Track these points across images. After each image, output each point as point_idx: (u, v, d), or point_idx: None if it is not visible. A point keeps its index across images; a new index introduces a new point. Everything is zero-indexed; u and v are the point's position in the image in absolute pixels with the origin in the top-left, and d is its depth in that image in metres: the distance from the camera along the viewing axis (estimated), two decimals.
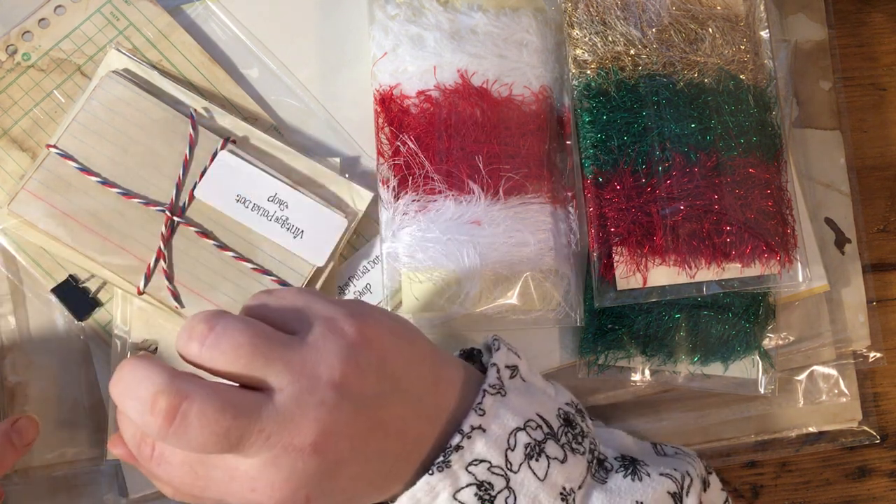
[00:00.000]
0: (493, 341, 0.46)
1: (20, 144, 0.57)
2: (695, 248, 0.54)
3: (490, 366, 0.44)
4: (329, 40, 0.60)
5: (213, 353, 0.37)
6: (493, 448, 0.41)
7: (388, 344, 0.41)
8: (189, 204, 0.55)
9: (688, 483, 0.47)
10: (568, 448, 0.44)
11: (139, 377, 0.37)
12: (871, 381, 0.63)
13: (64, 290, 0.56)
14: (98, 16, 0.58)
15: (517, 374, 0.45)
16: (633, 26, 0.56)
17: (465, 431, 0.41)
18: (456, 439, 0.41)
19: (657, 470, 0.47)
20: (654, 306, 0.56)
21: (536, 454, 0.42)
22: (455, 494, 0.41)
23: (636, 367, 0.58)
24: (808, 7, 0.65)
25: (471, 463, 0.41)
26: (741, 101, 0.56)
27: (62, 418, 0.56)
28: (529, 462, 0.42)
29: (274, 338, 0.38)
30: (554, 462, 0.43)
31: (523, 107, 0.56)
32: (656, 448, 0.52)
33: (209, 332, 0.37)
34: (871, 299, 0.63)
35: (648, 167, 0.55)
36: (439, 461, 0.40)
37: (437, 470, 0.40)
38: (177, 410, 0.36)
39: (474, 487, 0.41)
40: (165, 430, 0.36)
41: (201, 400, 0.36)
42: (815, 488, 0.63)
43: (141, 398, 0.36)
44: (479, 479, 0.41)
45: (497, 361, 0.44)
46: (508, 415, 0.42)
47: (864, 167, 0.65)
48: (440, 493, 0.40)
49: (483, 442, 0.41)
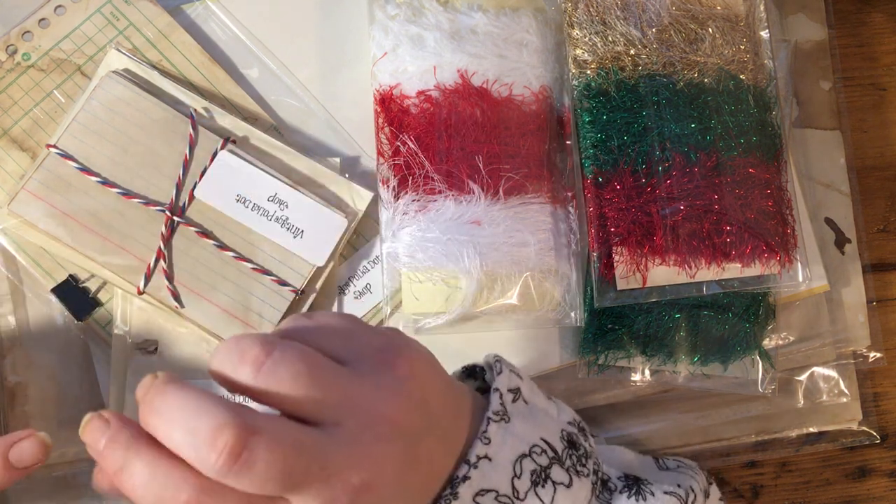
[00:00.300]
0: (495, 363, 0.44)
1: (20, 144, 0.57)
2: (695, 248, 0.54)
3: (493, 391, 0.43)
4: (329, 40, 0.60)
5: (269, 380, 0.34)
6: (500, 477, 0.41)
7: (429, 378, 0.39)
8: (189, 204, 0.55)
9: (692, 499, 0.47)
10: (573, 471, 0.43)
11: (194, 408, 0.33)
12: (871, 381, 0.63)
13: (64, 290, 0.56)
14: (98, 16, 0.58)
15: (519, 397, 0.44)
16: (633, 26, 0.56)
17: (471, 461, 0.40)
18: (463, 470, 0.40)
19: (661, 488, 0.46)
20: (654, 306, 0.56)
21: (542, 480, 0.42)
22: None
23: (636, 367, 0.58)
24: (808, 7, 0.65)
25: (478, 493, 0.40)
26: (741, 101, 0.56)
27: (62, 418, 0.56)
28: (536, 489, 0.41)
29: (330, 368, 0.36)
30: (560, 487, 0.42)
31: (523, 107, 0.56)
32: (658, 462, 0.52)
33: (266, 357, 0.34)
34: (871, 299, 0.63)
35: (648, 167, 0.55)
36: (447, 493, 0.39)
37: (445, 502, 0.39)
38: (243, 447, 0.32)
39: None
40: (227, 469, 0.32)
41: (270, 436, 0.33)
42: (815, 488, 0.63)
43: (198, 431, 0.33)
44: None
45: (499, 386, 0.43)
46: (514, 441, 0.41)
47: (864, 167, 0.65)
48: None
49: (490, 471, 0.40)
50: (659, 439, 0.60)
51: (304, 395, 0.34)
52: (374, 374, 0.37)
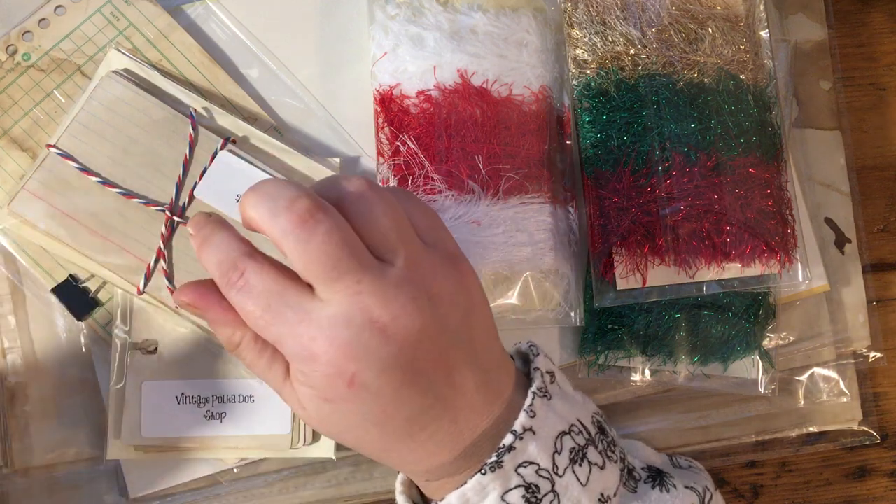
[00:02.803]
0: (531, 347, 0.45)
1: (20, 144, 0.57)
2: (695, 247, 0.54)
3: (534, 370, 0.44)
4: (329, 40, 0.60)
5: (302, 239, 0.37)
6: (542, 451, 0.41)
7: (479, 300, 0.42)
8: (189, 204, 0.55)
9: (708, 498, 0.47)
10: (605, 455, 0.44)
11: (285, 185, 0.38)
12: (872, 381, 0.63)
13: (64, 290, 0.56)
14: (98, 16, 0.58)
15: (555, 381, 0.44)
16: (632, 26, 0.56)
17: (517, 432, 0.40)
18: (509, 439, 0.40)
19: (682, 482, 0.47)
20: (654, 306, 0.56)
21: (580, 459, 0.42)
22: (503, 495, 0.40)
23: (636, 367, 0.58)
24: (808, 7, 0.65)
25: (521, 464, 0.41)
26: (741, 101, 0.56)
27: (62, 418, 0.56)
28: (573, 467, 0.42)
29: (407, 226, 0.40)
30: (595, 468, 0.43)
31: (523, 107, 0.56)
32: (672, 460, 0.52)
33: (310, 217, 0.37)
34: (871, 299, 0.63)
35: (648, 167, 0.55)
36: (492, 461, 0.40)
37: (490, 470, 0.40)
38: (312, 216, 0.36)
39: (522, 489, 0.40)
40: (292, 228, 0.36)
41: (335, 222, 0.37)
42: (815, 488, 0.63)
43: (282, 197, 0.37)
44: (528, 482, 0.41)
45: (540, 366, 0.44)
46: (555, 418, 0.42)
47: (864, 167, 0.65)
48: (490, 493, 0.40)
49: (534, 444, 0.41)
50: (659, 439, 0.60)
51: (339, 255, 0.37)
52: (438, 255, 0.40)
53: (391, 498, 0.59)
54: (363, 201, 0.39)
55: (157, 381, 0.55)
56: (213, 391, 0.55)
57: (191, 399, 0.55)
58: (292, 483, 0.59)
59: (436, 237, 0.41)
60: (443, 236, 0.42)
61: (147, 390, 0.55)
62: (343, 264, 0.37)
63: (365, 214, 0.39)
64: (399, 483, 0.45)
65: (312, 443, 0.56)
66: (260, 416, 0.55)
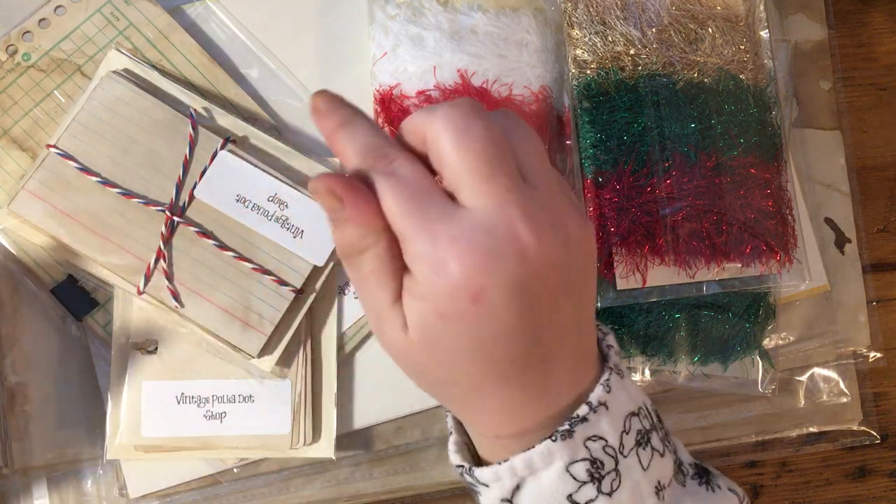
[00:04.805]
0: (598, 325, 0.44)
1: (20, 144, 0.57)
2: (695, 247, 0.54)
3: (607, 347, 0.43)
4: (329, 40, 0.60)
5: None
6: (612, 427, 0.40)
7: (594, 261, 0.40)
8: (189, 204, 0.55)
9: (746, 502, 0.47)
10: (664, 443, 0.43)
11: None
12: (872, 381, 0.63)
13: (64, 290, 0.56)
14: (98, 16, 0.58)
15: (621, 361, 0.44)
16: (632, 26, 0.56)
17: (592, 404, 0.39)
18: (583, 410, 0.39)
19: (725, 483, 0.46)
20: (654, 306, 0.56)
21: (644, 442, 0.41)
22: (568, 466, 0.39)
23: (636, 367, 0.58)
24: (808, 7, 0.65)
25: (590, 437, 0.39)
26: (741, 101, 0.56)
27: (62, 418, 0.56)
28: (638, 449, 0.41)
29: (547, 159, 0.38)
30: (656, 454, 0.42)
31: (523, 107, 0.56)
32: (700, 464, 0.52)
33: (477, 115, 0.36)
34: (871, 299, 0.63)
35: (648, 167, 0.55)
36: (564, 429, 0.39)
37: (560, 437, 0.39)
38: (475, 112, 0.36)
39: (587, 463, 0.39)
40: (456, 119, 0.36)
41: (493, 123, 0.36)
42: (815, 488, 0.63)
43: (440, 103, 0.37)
44: (594, 456, 0.40)
45: (613, 345, 0.43)
46: (626, 397, 0.41)
47: (864, 167, 0.65)
48: (555, 462, 0.39)
49: (606, 420, 0.40)
50: None
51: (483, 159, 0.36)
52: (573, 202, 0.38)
53: (391, 498, 0.59)
54: (512, 119, 0.38)
55: (157, 381, 0.55)
56: (213, 391, 0.55)
57: (191, 399, 0.55)
58: (292, 483, 0.59)
59: (567, 190, 0.40)
60: (571, 191, 0.40)
61: (147, 390, 0.55)
62: (497, 163, 0.35)
63: (515, 131, 0.38)
64: (452, 443, 0.43)
65: (312, 443, 0.56)
66: (260, 416, 0.55)
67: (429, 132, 0.36)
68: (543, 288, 0.36)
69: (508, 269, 0.35)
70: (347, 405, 0.57)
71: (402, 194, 0.36)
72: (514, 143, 0.37)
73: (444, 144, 0.36)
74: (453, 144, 0.36)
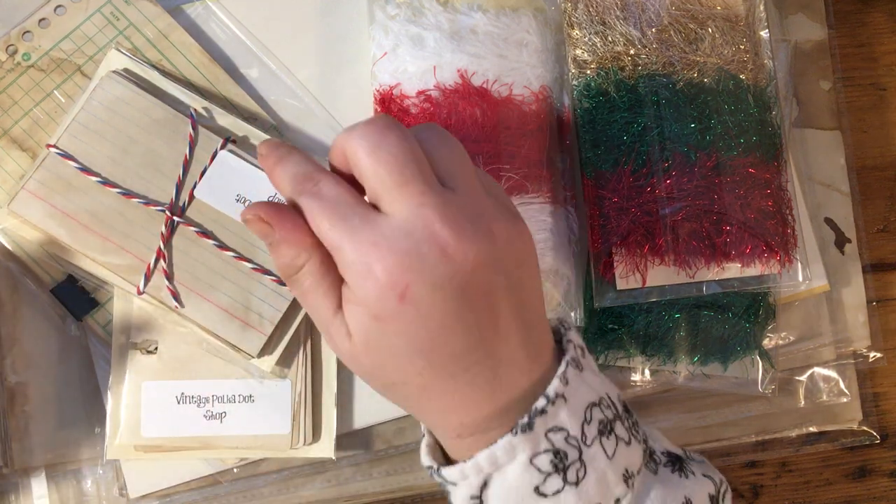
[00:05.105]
0: (561, 322, 0.46)
1: (20, 144, 0.57)
2: (695, 248, 0.54)
3: (567, 342, 0.44)
4: (329, 40, 0.60)
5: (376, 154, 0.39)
6: (573, 418, 0.41)
7: (532, 257, 0.42)
8: (189, 204, 0.55)
9: (724, 488, 0.47)
10: (631, 432, 0.44)
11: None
12: (872, 381, 0.63)
13: (64, 290, 0.56)
14: (98, 16, 0.58)
15: (585, 356, 0.45)
16: (632, 26, 0.56)
17: (550, 397, 0.41)
18: (541, 402, 0.40)
19: (700, 469, 0.47)
20: (654, 306, 0.56)
21: (608, 432, 0.42)
22: (532, 459, 0.40)
23: (636, 367, 0.58)
24: (808, 7, 0.65)
25: (550, 429, 0.41)
26: (741, 101, 0.56)
27: (62, 418, 0.56)
28: (601, 438, 0.42)
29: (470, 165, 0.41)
30: (621, 443, 0.43)
31: (523, 107, 0.56)
32: (684, 452, 0.52)
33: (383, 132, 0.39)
34: (871, 299, 0.63)
35: (648, 167, 0.55)
36: (523, 423, 0.40)
37: (521, 431, 0.40)
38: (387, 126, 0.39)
39: (550, 454, 0.41)
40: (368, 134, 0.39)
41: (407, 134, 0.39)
42: (815, 488, 0.63)
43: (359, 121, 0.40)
44: (556, 447, 0.41)
45: (573, 339, 0.44)
46: (586, 389, 0.42)
47: (864, 167, 0.65)
48: (518, 455, 0.40)
49: (565, 411, 0.41)
50: None
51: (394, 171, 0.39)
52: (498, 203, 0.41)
53: (391, 498, 0.59)
54: (432, 130, 0.41)
55: (157, 381, 0.55)
56: (213, 391, 0.55)
57: (191, 399, 0.55)
58: (292, 483, 0.59)
59: (496, 192, 0.42)
60: (501, 194, 0.43)
61: (147, 390, 0.55)
62: (409, 171, 0.38)
63: (433, 140, 0.40)
64: (424, 445, 0.45)
65: (312, 443, 0.56)
66: (260, 416, 0.55)
67: (348, 150, 0.39)
68: (472, 285, 0.38)
69: (429, 267, 0.38)
70: (347, 405, 0.57)
71: (326, 210, 0.39)
72: (432, 151, 0.40)
73: (360, 159, 0.39)
74: (368, 157, 0.38)
